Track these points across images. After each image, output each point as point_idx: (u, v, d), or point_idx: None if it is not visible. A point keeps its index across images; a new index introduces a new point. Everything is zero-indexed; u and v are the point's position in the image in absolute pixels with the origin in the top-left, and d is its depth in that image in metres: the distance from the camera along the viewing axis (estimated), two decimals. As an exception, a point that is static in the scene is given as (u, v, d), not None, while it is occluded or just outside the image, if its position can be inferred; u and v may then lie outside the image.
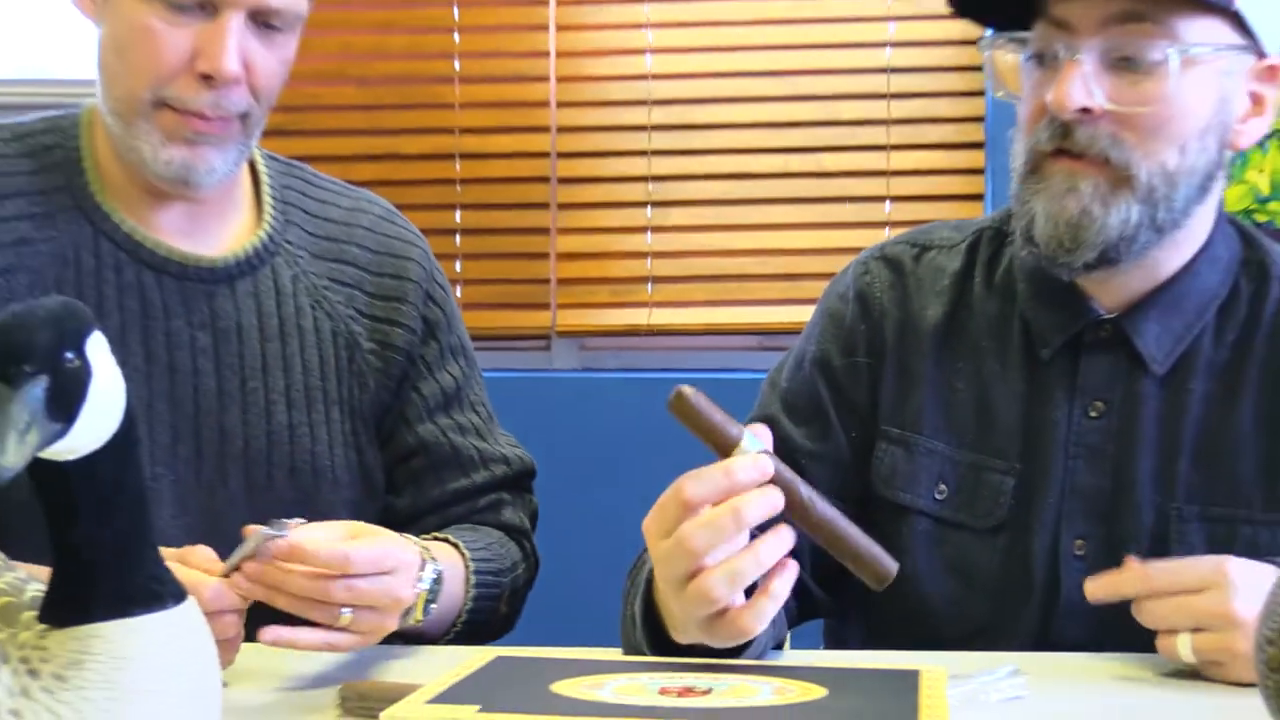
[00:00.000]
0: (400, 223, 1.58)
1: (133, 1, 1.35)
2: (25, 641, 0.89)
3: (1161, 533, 1.34)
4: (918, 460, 1.40)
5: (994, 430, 1.39)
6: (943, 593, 1.39)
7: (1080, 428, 1.36)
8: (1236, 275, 1.37)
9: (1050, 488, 1.36)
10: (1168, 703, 1.17)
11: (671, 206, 2.90)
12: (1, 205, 1.42)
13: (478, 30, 2.94)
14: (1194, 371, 1.35)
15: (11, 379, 0.84)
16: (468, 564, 1.40)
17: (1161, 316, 1.35)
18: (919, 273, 1.45)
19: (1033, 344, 1.38)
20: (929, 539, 1.39)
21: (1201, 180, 1.31)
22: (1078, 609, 1.31)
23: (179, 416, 1.42)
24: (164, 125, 1.37)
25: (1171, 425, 1.35)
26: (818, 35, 2.85)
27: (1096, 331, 1.36)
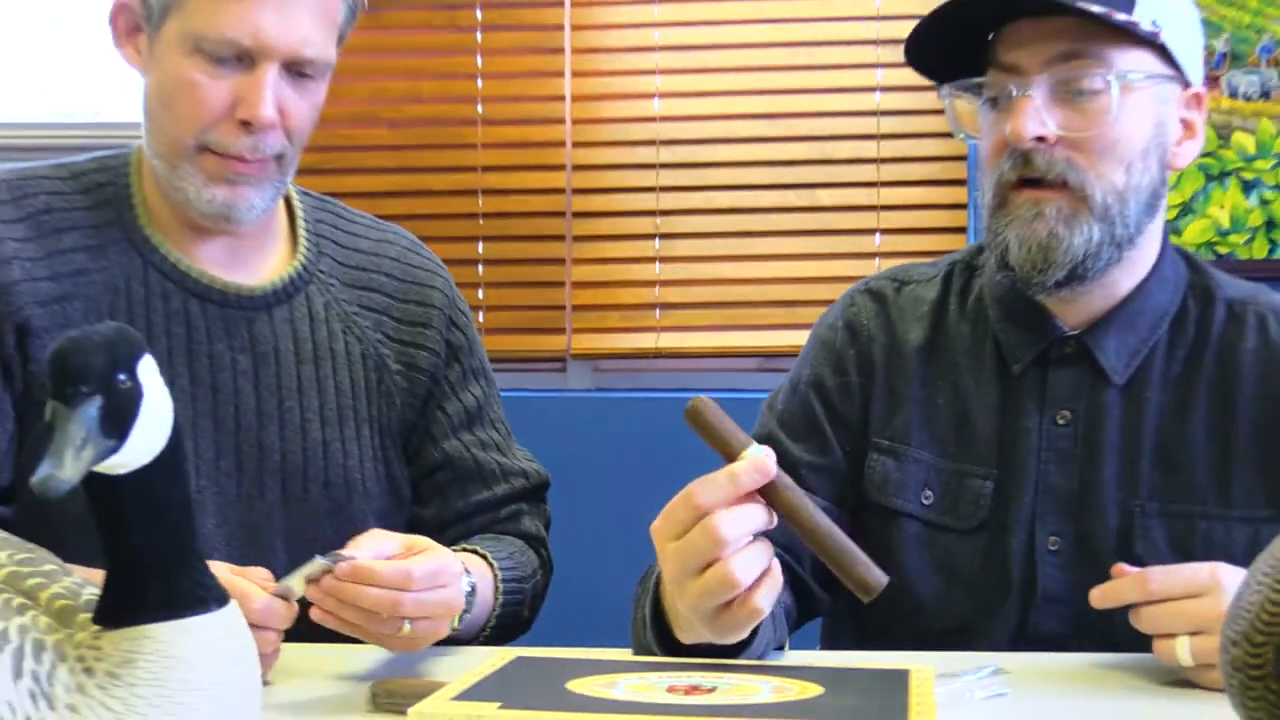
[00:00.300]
0: (424, 254, 1.59)
1: (177, 56, 1.35)
2: (81, 641, 0.89)
3: (1126, 528, 1.36)
4: (906, 469, 1.42)
5: (973, 440, 1.41)
6: (931, 590, 1.40)
7: (1050, 434, 1.39)
8: (1185, 295, 1.41)
9: (1025, 490, 1.39)
10: (1139, 700, 1.16)
11: (678, 239, 2.91)
12: (59, 239, 1.42)
13: (499, 76, 2.94)
14: (1150, 382, 1.38)
15: (69, 399, 0.85)
16: (496, 574, 1.41)
17: (1119, 332, 1.39)
18: (900, 302, 1.48)
19: (1004, 361, 1.42)
20: (918, 541, 1.41)
21: (1148, 198, 1.35)
22: (1054, 601, 1.35)
23: (221, 433, 1.42)
24: (206, 168, 1.38)
25: (1132, 431, 1.38)
26: (813, 81, 2.85)
27: (1062, 347, 1.39)
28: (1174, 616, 1.17)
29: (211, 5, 1.33)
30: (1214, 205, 2.69)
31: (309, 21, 1.36)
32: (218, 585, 0.92)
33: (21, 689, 0.86)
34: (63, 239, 1.42)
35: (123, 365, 0.86)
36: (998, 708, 1.13)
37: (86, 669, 0.87)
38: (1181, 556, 1.32)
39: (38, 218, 1.42)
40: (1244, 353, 1.38)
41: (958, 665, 1.20)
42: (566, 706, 0.90)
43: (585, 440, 2.68)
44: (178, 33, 1.35)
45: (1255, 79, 2.69)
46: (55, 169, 1.48)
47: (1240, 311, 1.40)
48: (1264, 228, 2.70)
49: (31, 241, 1.41)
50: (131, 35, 1.41)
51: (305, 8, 1.36)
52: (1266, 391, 1.37)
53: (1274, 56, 2.68)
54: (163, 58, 1.37)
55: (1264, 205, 2.70)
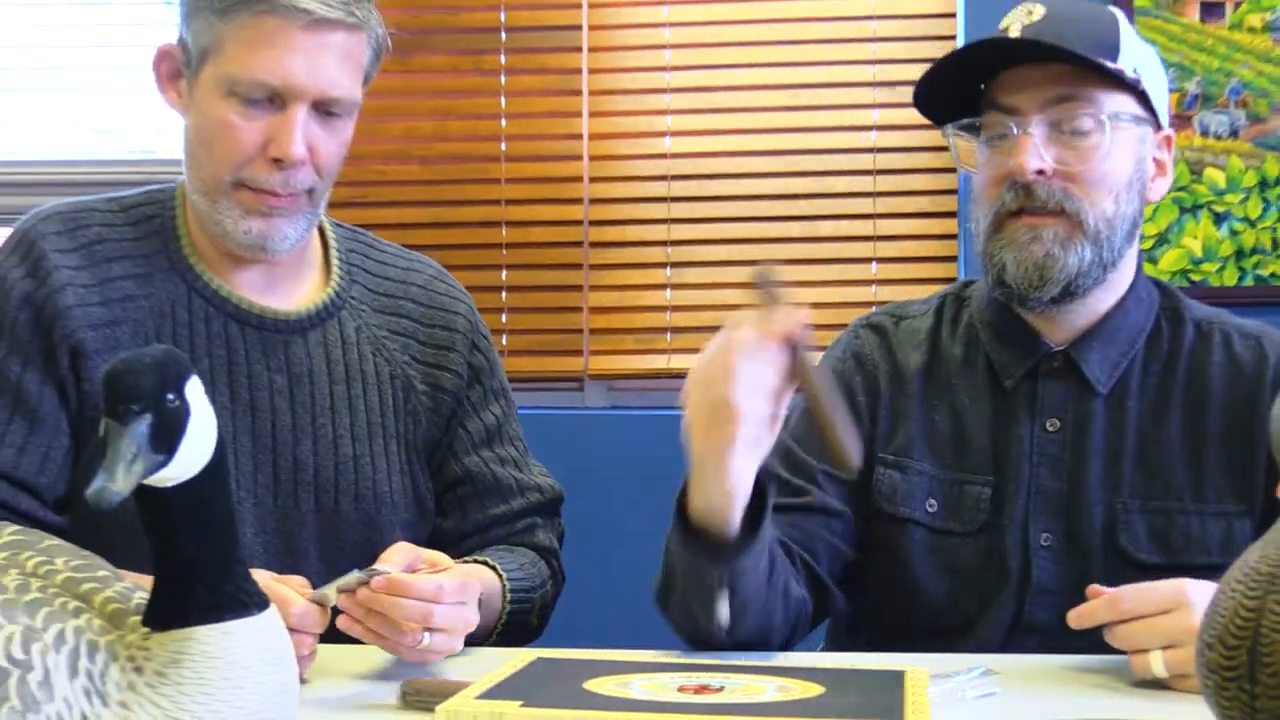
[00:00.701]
0: (449, 281, 1.59)
1: (214, 99, 1.37)
2: (131, 642, 0.89)
3: (1111, 524, 1.40)
4: (911, 480, 1.45)
5: (970, 451, 1.44)
6: (938, 590, 1.43)
7: (1041, 441, 1.42)
8: (1158, 316, 1.46)
9: (1019, 492, 1.42)
10: (1119, 698, 1.16)
11: (688, 267, 2.90)
12: (110, 267, 1.43)
13: (521, 117, 2.95)
14: (1129, 392, 1.43)
15: (121, 417, 0.85)
16: (504, 584, 1.40)
17: (1102, 347, 1.43)
18: (899, 334, 1.52)
19: (996, 377, 1.45)
20: (925, 545, 1.44)
21: (1130, 226, 1.41)
22: (1046, 592, 1.39)
23: (259, 449, 1.42)
24: (242, 201, 1.39)
25: (1115, 436, 1.42)
26: (813, 120, 2.85)
27: (1050, 362, 1.44)
28: (1147, 632, 1.18)
29: (245, 51, 1.34)
30: (1188, 236, 2.69)
31: (335, 65, 1.37)
32: (258, 590, 0.92)
33: (77, 687, 0.86)
34: (113, 267, 1.43)
35: (171, 386, 0.86)
36: (988, 706, 1.12)
37: (136, 668, 0.87)
38: (1161, 549, 1.38)
39: (90, 248, 1.43)
40: (1212, 366, 1.43)
41: (950, 666, 1.20)
42: (583, 704, 0.89)
43: (601, 456, 2.67)
44: (214, 77, 1.36)
45: (1225, 119, 2.68)
46: (108, 203, 1.48)
47: (1207, 330, 1.45)
48: (1234, 257, 2.69)
49: (84, 270, 1.42)
50: (173, 80, 1.42)
51: (332, 52, 1.36)
52: (1232, 400, 1.41)
53: (1241, 98, 2.68)
54: (201, 100, 1.38)
55: (1234, 236, 2.69)
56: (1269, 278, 2.68)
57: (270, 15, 1.33)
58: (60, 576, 0.93)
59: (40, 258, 1.41)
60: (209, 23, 1.36)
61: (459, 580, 1.21)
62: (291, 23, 1.34)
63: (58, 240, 1.42)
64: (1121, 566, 1.36)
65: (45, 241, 1.42)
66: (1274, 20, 2.66)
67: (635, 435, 2.79)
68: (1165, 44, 2.67)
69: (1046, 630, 1.36)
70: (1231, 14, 2.67)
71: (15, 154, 3.10)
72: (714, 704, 0.91)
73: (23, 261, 1.41)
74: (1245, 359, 1.42)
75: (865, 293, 2.84)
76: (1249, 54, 2.67)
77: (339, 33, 1.37)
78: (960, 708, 1.11)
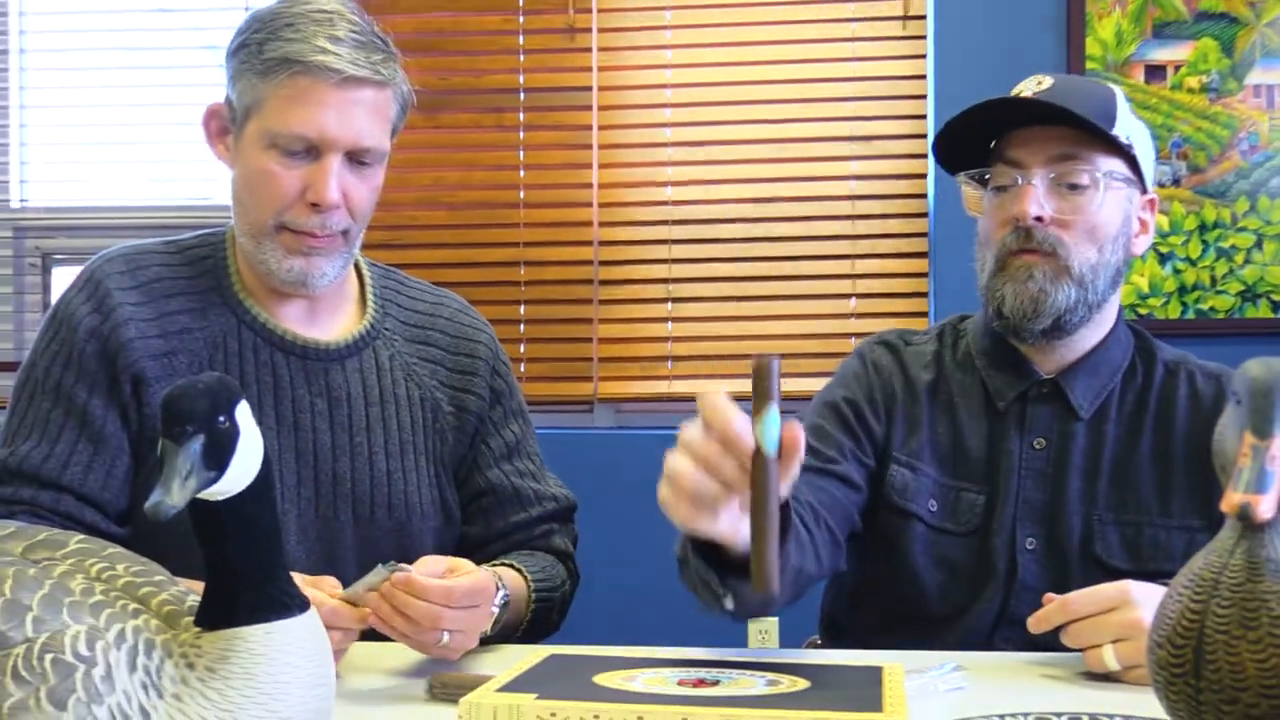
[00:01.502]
0: (473, 314, 1.59)
1: (257, 151, 1.38)
2: (184, 641, 0.88)
3: (1087, 533, 1.42)
4: (920, 481, 1.47)
5: (967, 462, 1.47)
6: (933, 581, 1.44)
7: (1028, 457, 1.45)
8: (1133, 355, 1.49)
9: (1008, 501, 1.44)
10: (1074, 691, 1.15)
11: (687, 301, 2.91)
12: (168, 303, 1.43)
13: (537, 168, 2.96)
14: (1108, 418, 1.45)
15: (176, 437, 0.85)
16: (529, 584, 1.40)
17: (1086, 378, 1.46)
18: (908, 354, 1.54)
19: (991, 399, 1.47)
20: (924, 541, 1.45)
21: (1114, 274, 1.44)
22: (1029, 590, 1.38)
23: (302, 465, 1.42)
24: (285, 243, 1.39)
25: (1093, 456, 1.44)
26: (799, 171, 2.86)
27: (1039, 389, 1.46)
28: (1096, 629, 1.18)
29: (284, 107, 1.35)
30: (1136, 274, 2.69)
31: (365, 118, 1.38)
32: (300, 593, 0.91)
33: (136, 680, 0.85)
34: (170, 303, 1.43)
35: (222, 409, 0.86)
36: (957, 698, 1.12)
37: (189, 664, 0.87)
38: (1131, 557, 1.40)
39: (149, 286, 1.44)
40: (1179, 400, 1.46)
41: (924, 662, 1.19)
42: (593, 696, 0.89)
43: (610, 471, 2.66)
44: (257, 131, 1.37)
45: (1168, 169, 2.69)
46: (166, 245, 1.49)
47: (1175, 369, 1.48)
48: (1177, 292, 2.69)
49: (144, 305, 1.42)
50: (221, 136, 1.43)
51: (362, 107, 1.37)
52: (1195, 430, 1.44)
53: (1182, 151, 2.68)
54: (245, 152, 1.39)
55: (1177, 274, 2.69)
56: (1208, 311, 2.68)
57: (305, 75, 1.34)
58: (121, 581, 0.93)
59: (105, 295, 1.41)
60: (251, 83, 1.37)
61: (468, 585, 1.20)
62: (324, 81, 1.34)
63: (121, 279, 1.43)
64: (1095, 571, 1.37)
65: (110, 281, 1.42)
66: (1209, 82, 2.67)
67: (640, 452, 2.77)
68: (1113, 103, 2.67)
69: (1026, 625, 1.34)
70: (1172, 76, 2.68)
71: (85, 200, 3.11)
72: (710, 696, 0.90)
73: (89, 299, 1.42)
74: (1207, 394, 1.45)
75: (845, 324, 2.84)
76: (1188, 112, 2.68)
77: (367, 89, 1.37)
78: (932, 699, 1.10)
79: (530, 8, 2.94)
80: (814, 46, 2.85)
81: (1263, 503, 0.78)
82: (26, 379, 1.42)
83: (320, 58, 1.34)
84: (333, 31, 1.36)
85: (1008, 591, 1.41)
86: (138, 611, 0.89)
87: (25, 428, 1.39)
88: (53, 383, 1.39)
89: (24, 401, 1.41)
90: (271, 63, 1.35)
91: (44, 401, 1.39)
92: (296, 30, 1.35)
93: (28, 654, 0.84)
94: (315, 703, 0.90)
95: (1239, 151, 2.67)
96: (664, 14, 2.91)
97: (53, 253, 3.13)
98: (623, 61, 2.92)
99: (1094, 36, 2.68)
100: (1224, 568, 0.82)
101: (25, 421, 1.39)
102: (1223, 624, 0.80)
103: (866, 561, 1.49)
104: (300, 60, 1.34)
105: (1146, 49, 2.69)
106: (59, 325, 1.42)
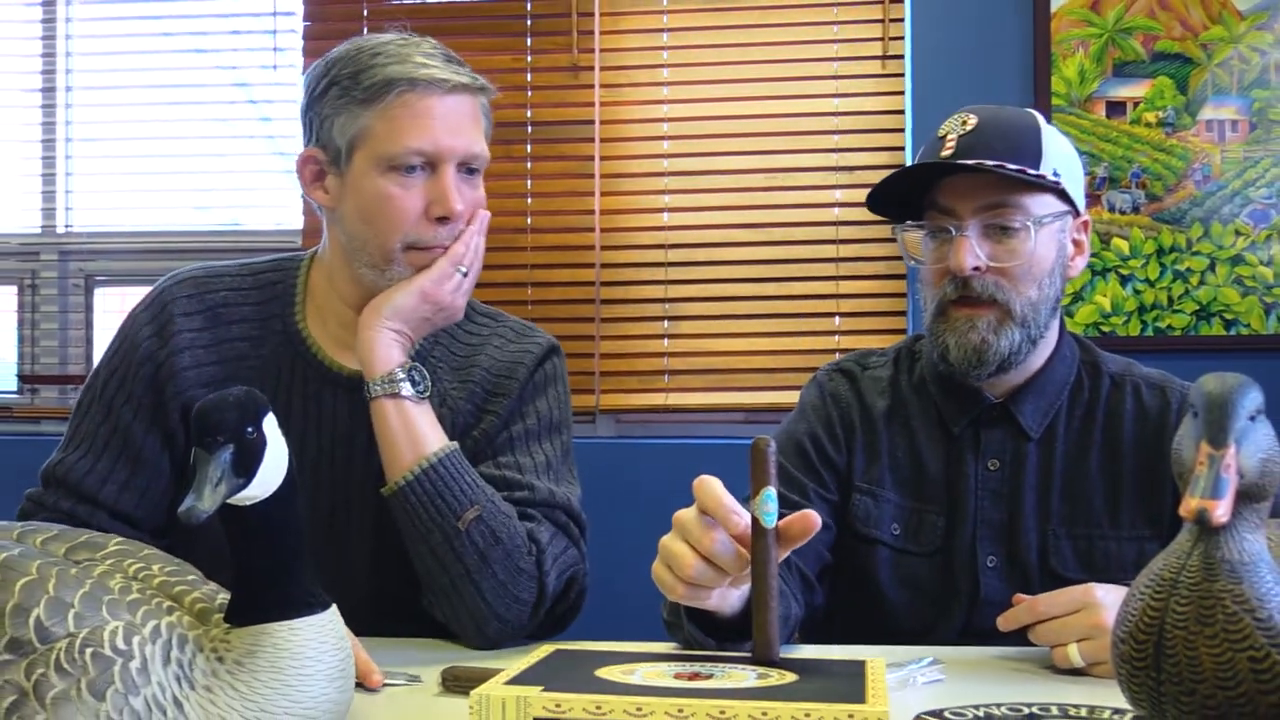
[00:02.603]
0: (525, 341, 1.46)
1: (372, 179, 1.31)
2: (215, 636, 0.88)
3: (1044, 548, 1.38)
4: (881, 507, 1.43)
5: (926, 484, 1.42)
6: (900, 601, 1.41)
7: (983, 478, 1.40)
8: (1079, 370, 1.44)
9: (968, 521, 1.40)
10: (1044, 684, 1.15)
11: (682, 320, 2.90)
12: (229, 329, 1.39)
13: (543, 196, 2.96)
14: (1057, 436, 1.41)
15: (208, 446, 0.85)
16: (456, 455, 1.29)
17: (1033, 399, 1.41)
18: (865, 380, 1.49)
19: (946, 423, 1.43)
20: (889, 563, 1.42)
21: (1053, 304, 1.40)
22: (991, 605, 1.34)
23: (336, 500, 1.37)
24: (414, 262, 1.33)
25: (1045, 473, 1.40)
26: (787, 199, 2.86)
27: (990, 413, 1.42)
28: (1062, 629, 1.17)
29: (396, 127, 1.30)
30: (1099, 294, 2.69)
31: (471, 125, 1.34)
32: (321, 593, 0.91)
33: (169, 673, 0.85)
34: (231, 329, 1.39)
35: (250, 420, 0.86)
36: (935, 690, 1.11)
37: (219, 658, 0.87)
38: (1085, 568, 1.36)
39: (215, 310, 1.39)
40: (1125, 413, 1.41)
41: (903, 657, 1.18)
42: (595, 689, 0.88)
43: (611, 478, 2.66)
44: (368, 159, 1.31)
45: (1128, 197, 2.69)
46: (240, 268, 1.44)
47: (1120, 381, 1.44)
48: (1137, 312, 2.69)
49: (205, 331, 1.38)
50: (318, 181, 1.36)
51: (466, 115, 1.33)
52: (1141, 441, 1.40)
53: (1141, 180, 2.68)
54: (357, 185, 1.32)
55: (1137, 294, 2.69)
56: (1166, 329, 2.68)
57: (411, 91, 1.29)
58: (156, 580, 0.93)
59: (168, 320, 1.38)
60: (354, 114, 1.31)
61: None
62: (432, 94, 1.30)
63: (186, 304, 1.38)
64: (1054, 584, 1.30)
65: (175, 305, 1.38)
66: (1166, 118, 2.68)
67: (639, 460, 2.78)
68: (1078, 135, 2.68)
69: (992, 636, 1.32)
70: (1132, 112, 2.69)
71: (127, 225, 3.11)
72: (704, 689, 0.90)
73: (153, 320, 1.38)
74: (1152, 406, 1.41)
75: (830, 341, 2.84)
76: (1146, 144, 2.68)
77: (467, 97, 1.33)
78: (911, 691, 1.10)
79: (537, 48, 2.95)
80: (800, 84, 2.86)
81: (1218, 508, 0.78)
82: (89, 387, 1.40)
83: (424, 72, 1.30)
84: (422, 49, 1.33)
85: (971, 608, 1.38)
86: (171, 609, 0.89)
87: (79, 436, 1.38)
88: (107, 398, 1.38)
89: (83, 409, 1.40)
90: (374, 89, 1.29)
91: (97, 414, 1.38)
92: (388, 55, 1.31)
93: (69, 648, 0.84)
94: (336, 694, 0.90)
95: (1193, 181, 2.67)
96: (661, 54, 2.92)
97: (95, 274, 3.13)
98: (623, 97, 2.93)
99: (1059, 75, 2.69)
100: (1182, 568, 0.82)
101: (80, 430, 1.39)
102: (1181, 621, 0.80)
103: (836, 588, 1.45)
104: (406, 78, 1.29)
105: (1108, 86, 2.69)
106: (122, 341, 1.40)
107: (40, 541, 0.94)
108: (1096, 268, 2.68)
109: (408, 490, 1.28)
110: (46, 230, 3.13)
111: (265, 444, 0.86)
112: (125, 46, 3.13)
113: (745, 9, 2.88)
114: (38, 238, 3.12)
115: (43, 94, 3.12)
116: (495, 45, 2.95)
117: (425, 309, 1.33)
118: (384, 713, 1.05)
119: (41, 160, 3.12)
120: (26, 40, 3.12)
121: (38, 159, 3.12)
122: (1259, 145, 2.66)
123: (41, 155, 3.12)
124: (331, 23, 2.96)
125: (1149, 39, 2.68)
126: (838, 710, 0.83)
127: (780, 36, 2.86)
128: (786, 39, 2.86)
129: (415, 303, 1.33)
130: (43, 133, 3.12)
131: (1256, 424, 0.81)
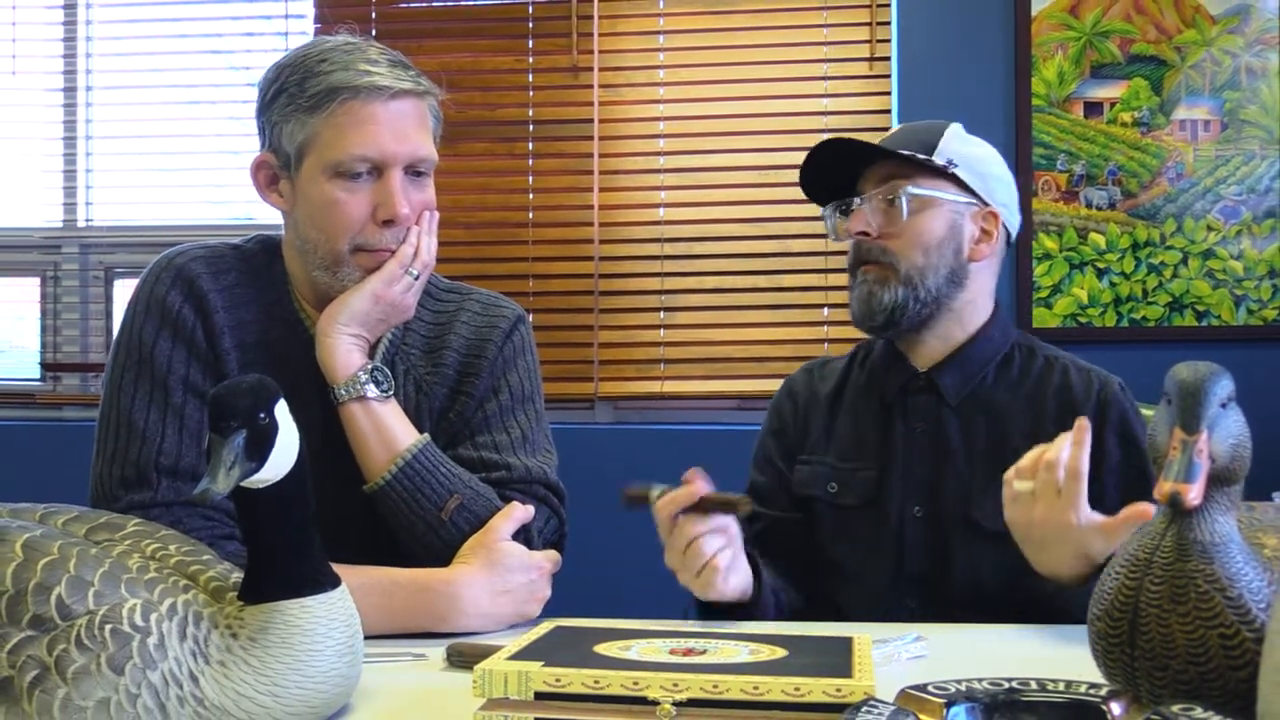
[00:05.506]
0: (495, 310, 1.44)
1: (320, 184, 1.29)
2: (229, 613, 0.88)
3: (964, 501, 1.46)
4: (817, 471, 1.55)
5: (862, 446, 1.53)
6: (841, 549, 1.51)
7: (910, 438, 1.50)
8: (1012, 348, 1.53)
9: (896, 476, 1.49)
10: (1023, 657, 1.15)
11: (678, 310, 2.90)
12: (244, 311, 1.35)
13: (544, 191, 2.95)
14: (978, 405, 1.50)
15: (222, 431, 0.84)
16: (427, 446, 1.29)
17: (953, 371, 1.51)
18: (821, 373, 1.63)
19: (883, 396, 1.53)
20: (829, 519, 1.52)
21: (948, 274, 1.48)
22: (916, 548, 1.46)
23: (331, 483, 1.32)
24: (362, 264, 1.31)
25: (966, 436, 1.48)
26: (778, 195, 2.85)
27: (916, 382, 1.52)
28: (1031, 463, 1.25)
29: (340, 134, 1.27)
30: (1076, 287, 2.69)
31: (415, 129, 1.31)
32: (331, 571, 0.91)
33: (185, 649, 0.85)
34: (244, 312, 1.35)
35: (263, 406, 0.86)
36: (919, 665, 1.11)
37: (233, 634, 0.86)
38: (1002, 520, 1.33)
39: (231, 290, 1.34)
40: (1049, 386, 1.49)
41: (889, 633, 1.18)
42: (592, 664, 0.88)
43: (609, 462, 2.64)
44: (316, 165, 1.29)
45: (1104, 194, 2.69)
46: (233, 249, 1.38)
47: (1052, 361, 1.52)
48: (1113, 304, 2.69)
49: (225, 311, 1.33)
50: (272, 185, 1.34)
51: (411, 119, 1.30)
52: (1062, 413, 1.45)
53: (1117, 178, 2.68)
54: (306, 189, 1.30)
55: (1113, 287, 2.69)
56: (1140, 320, 2.68)
57: (354, 99, 1.27)
58: (173, 560, 0.93)
59: (202, 296, 1.32)
60: (301, 121, 1.28)
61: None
62: (374, 100, 1.27)
63: (210, 281, 1.33)
64: (974, 533, 1.43)
65: (201, 281, 1.32)
66: (1141, 117, 2.67)
67: (636, 445, 2.78)
68: (1057, 135, 2.68)
69: (919, 577, 1.45)
70: (1108, 112, 2.68)
71: (145, 219, 3.10)
72: (698, 664, 0.89)
73: (185, 292, 1.31)
74: (1077, 385, 1.49)
75: (819, 331, 2.84)
76: (1122, 143, 2.68)
77: (411, 101, 1.30)
78: (896, 666, 1.10)
79: (539, 49, 2.94)
80: (791, 84, 2.85)
81: (1191, 491, 0.77)
82: (139, 374, 1.29)
83: (366, 79, 1.27)
84: (367, 55, 1.30)
85: (900, 552, 1.47)
86: (188, 587, 0.89)
87: (151, 427, 1.27)
88: (162, 378, 1.29)
89: (140, 403, 1.28)
90: (318, 96, 1.27)
91: (159, 398, 1.28)
92: (333, 62, 1.29)
93: (90, 624, 0.83)
94: (345, 669, 0.89)
95: (1167, 179, 2.67)
96: (658, 55, 2.91)
97: (115, 266, 3.12)
98: (621, 97, 2.92)
99: (1039, 76, 2.68)
100: (1156, 549, 0.81)
101: (149, 421, 1.27)
102: (1155, 599, 0.80)
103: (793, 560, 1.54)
104: (348, 86, 1.27)
105: (1085, 88, 2.69)
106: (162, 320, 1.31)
107: (62, 523, 0.94)
108: (1074, 261, 2.68)
109: (388, 489, 1.29)
110: (68, 224, 3.12)
111: (277, 429, 0.86)
112: (143, 48, 3.12)
113: (738, 13, 2.87)
114: (59, 232, 3.12)
115: (64, 94, 3.11)
116: (498, 47, 2.95)
117: (378, 310, 1.31)
118: (391, 686, 1.05)
119: (63, 158, 3.11)
120: (49, 42, 3.11)
121: (59, 156, 3.11)
122: (1230, 144, 2.66)
123: (63, 153, 3.11)
124: (341, 25, 2.94)
125: (1125, 42, 2.67)
126: (826, 684, 0.83)
127: (772, 39, 2.86)
128: (778, 41, 2.85)
129: (368, 305, 1.31)
130: (64, 131, 3.11)
131: (1228, 411, 0.81)
